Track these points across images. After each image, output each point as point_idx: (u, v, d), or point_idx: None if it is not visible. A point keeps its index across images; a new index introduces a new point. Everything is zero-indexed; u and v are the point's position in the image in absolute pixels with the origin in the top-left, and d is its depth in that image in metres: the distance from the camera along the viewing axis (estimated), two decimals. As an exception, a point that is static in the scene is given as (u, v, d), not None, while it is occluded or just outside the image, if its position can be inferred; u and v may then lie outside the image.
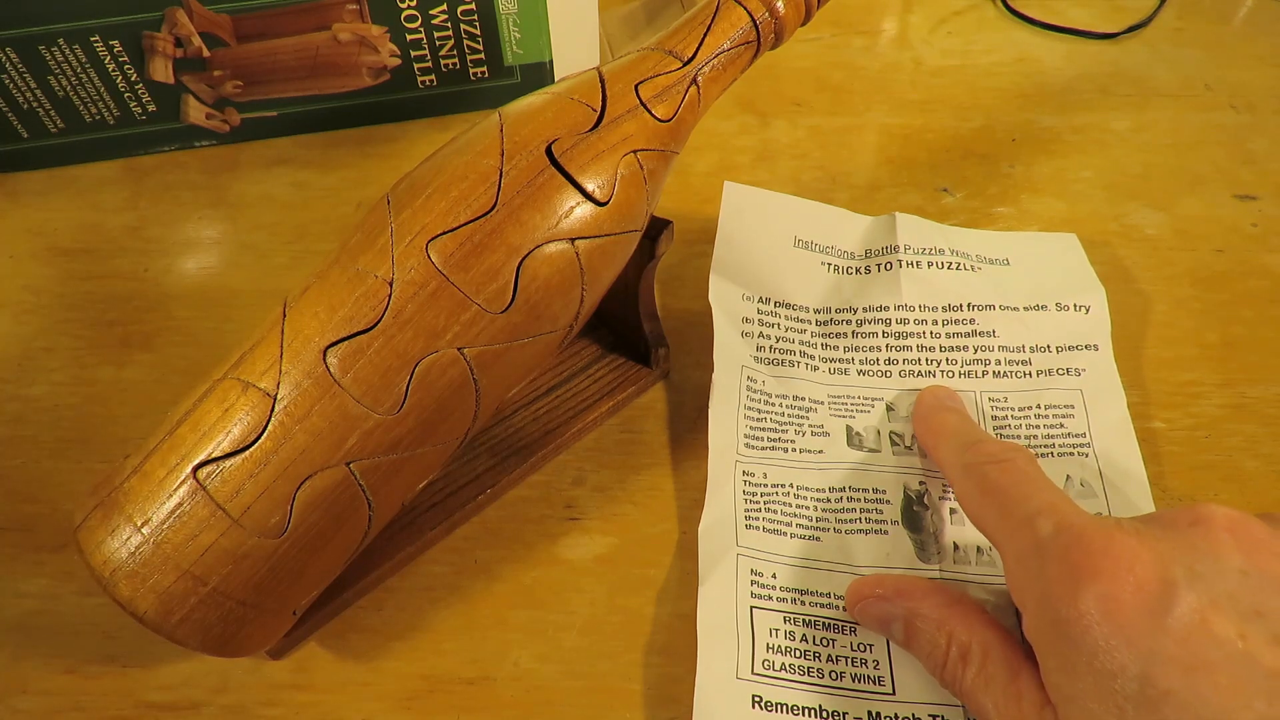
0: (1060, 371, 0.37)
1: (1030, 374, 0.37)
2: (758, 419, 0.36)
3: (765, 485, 0.34)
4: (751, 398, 0.36)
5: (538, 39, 0.47)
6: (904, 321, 0.38)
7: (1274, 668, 0.21)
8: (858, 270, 0.40)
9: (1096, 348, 0.37)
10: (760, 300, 0.38)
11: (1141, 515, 0.26)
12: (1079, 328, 0.38)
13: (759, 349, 0.37)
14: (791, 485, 0.34)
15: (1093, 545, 0.23)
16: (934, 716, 0.28)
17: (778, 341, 0.38)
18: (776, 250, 0.40)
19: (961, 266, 0.39)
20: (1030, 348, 0.37)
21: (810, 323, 0.38)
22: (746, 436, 0.35)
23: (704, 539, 0.33)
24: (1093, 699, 0.22)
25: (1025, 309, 0.38)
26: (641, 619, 0.32)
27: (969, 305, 0.38)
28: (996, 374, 0.37)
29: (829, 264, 0.40)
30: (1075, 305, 0.38)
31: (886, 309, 0.38)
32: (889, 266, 0.39)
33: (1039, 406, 0.36)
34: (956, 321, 0.38)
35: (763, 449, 0.35)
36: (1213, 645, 0.21)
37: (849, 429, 0.35)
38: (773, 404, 0.36)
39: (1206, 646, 0.21)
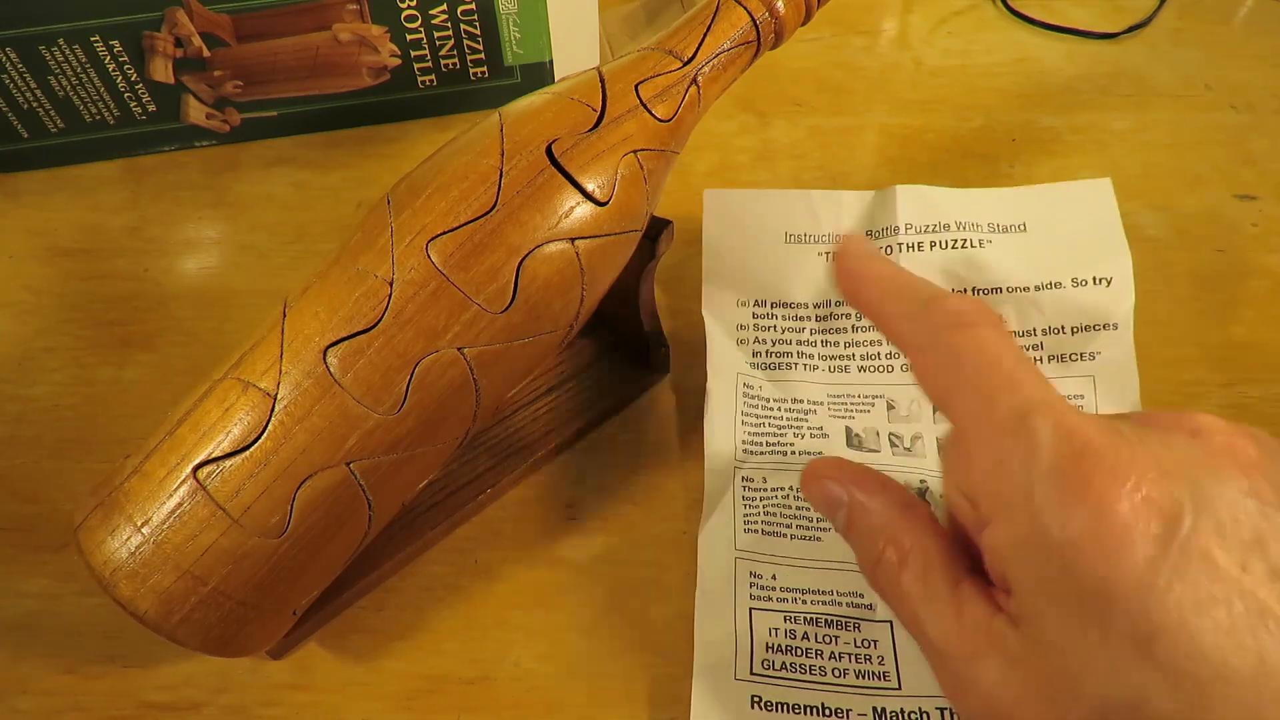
0: (1074, 356, 0.36)
1: (1041, 359, 0.36)
2: (756, 424, 0.36)
3: (765, 489, 0.34)
4: (749, 405, 0.36)
5: (538, 39, 0.47)
6: None
7: (1269, 605, 0.19)
8: None
9: (1115, 326, 0.36)
10: (755, 304, 0.38)
11: (1133, 415, 0.24)
12: (1097, 305, 0.36)
13: (755, 354, 0.37)
14: (791, 489, 0.34)
15: (1101, 462, 0.21)
16: (941, 709, 0.28)
17: (774, 345, 0.37)
18: (768, 249, 0.39)
19: (968, 244, 0.38)
20: (1042, 330, 0.36)
21: (810, 319, 0.38)
22: (745, 443, 0.35)
23: (703, 545, 0.33)
24: (1072, 623, 0.21)
25: (1036, 289, 0.37)
26: (642, 619, 0.32)
27: (974, 290, 0.37)
28: None
29: (825, 253, 0.39)
30: (1095, 279, 0.36)
31: None
32: (887, 251, 0.38)
33: None
34: None
35: (761, 454, 0.35)
36: (1215, 579, 0.20)
37: (848, 430, 0.35)
38: (771, 408, 0.36)
39: (1209, 580, 0.20)
